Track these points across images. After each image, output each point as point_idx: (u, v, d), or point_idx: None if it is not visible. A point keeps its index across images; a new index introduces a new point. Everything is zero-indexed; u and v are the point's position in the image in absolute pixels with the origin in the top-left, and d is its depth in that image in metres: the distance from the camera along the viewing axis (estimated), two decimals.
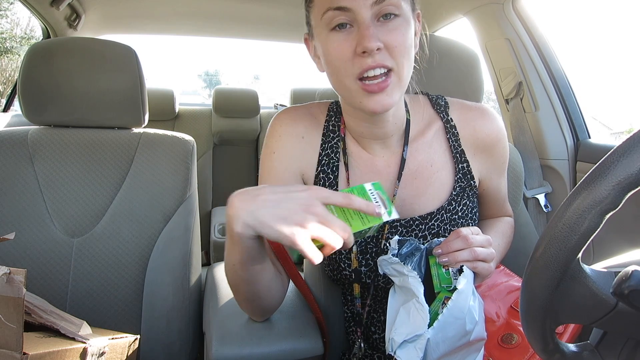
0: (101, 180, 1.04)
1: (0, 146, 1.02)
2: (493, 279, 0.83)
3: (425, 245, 0.70)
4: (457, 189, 0.80)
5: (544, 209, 1.28)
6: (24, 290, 0.59)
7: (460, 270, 0.66)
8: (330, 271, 0.86)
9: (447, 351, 0.63)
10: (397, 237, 0.69)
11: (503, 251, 0.87)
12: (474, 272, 0.67)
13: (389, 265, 0.67)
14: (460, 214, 0.80)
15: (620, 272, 0.41)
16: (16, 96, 1.81)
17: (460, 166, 0.81)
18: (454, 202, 0.80)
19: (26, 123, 1.08)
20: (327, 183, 0.80)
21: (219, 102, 2.49)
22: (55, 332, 0.72)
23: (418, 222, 0.79)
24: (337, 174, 0.80)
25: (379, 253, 0.78)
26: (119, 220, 1.02)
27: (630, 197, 0.38)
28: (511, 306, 0.80)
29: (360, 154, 0.80)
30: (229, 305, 0.86)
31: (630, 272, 0.40)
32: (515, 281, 0.83)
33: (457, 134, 0.81)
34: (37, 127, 1.08)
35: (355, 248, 0.78)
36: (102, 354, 0.76)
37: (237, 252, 0.62)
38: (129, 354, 0.84)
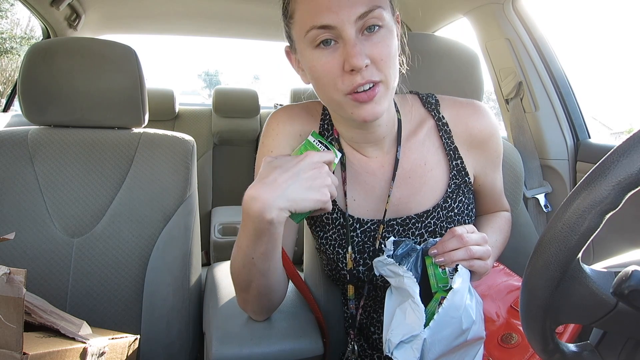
0: (101, 180, 1.04)
1: (0, 146, 1.02)
2: (493, 278, 0.83)
3: (421, 246, 0.70)
4: (452, 186, 0.80)
5: (544, 209, 1.28)
6: (24, 290, 0.59)
7: (457, 270, 0.66)
8: (329, 270, 0.86)
9: (444, 351, 0.63)
10: (393, 238, 0.69)
11: (501, 246, 0.87)
12: (470, 271, 0.67)
13: (385, 266, 0.67)
14: (457, 210, 0.80)
15: (620, 272, 0.41)
16: (16, 96, 1.81)
17: (454, 163, 0.81)
18: (450, 199, 0.80)
19: (26, 123, 1.08)
20: None
21: (219, 102, 2.49)
22: (55, 332, 0.72)
23: (414, 221, 0.79)
24: (332, 172, 0.80)
25: (375, 252, 0.78)
26: (119, 220, 1.02)
27: (630, 197, 0.38)
28: (511, 306, 0.80)
29: (354, 155, 0.80)
30: (229, 305, 0.86)
31: (630, 272, 0.40)
32: (515, 281, 0.83)
33: (450, 131, 0.81)
34: (37, 127, 1.08)
35: (350, 249, 0.78)
36: (102, 354, 0.76)
37: (263, 243, 0.65)
38: (129, 354, 0.84)
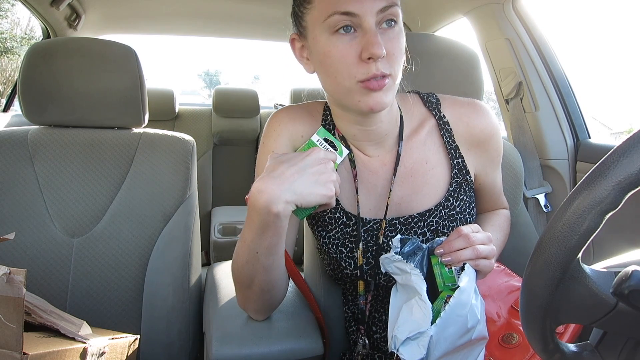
0: (101, 180, 1.04)
1: (0, 146, 1.02)
2: (494, 279, 0.83)
3: (427, 244, 0.71)
4: (454, 184, 0.80)
5: (544, 209, 1.28)
6: (24, 290, 0.59)
7: (463, 269, 0.66)
8: (331, 270, 0.86)
9: (449, 349, 0.63)
10: (400, 236, 0.70)
11: (501, 245, 0.87)
12: (475, 270, 0.67)
13: (392, 263, 0.67)
14: (458, 209, 0.81)
15: (620, 272, 0.41)
16: (16, 96, 1.81)
17: (456, 162, 0.81)
18: (452, 198, 0.80)
19: (26, 123, 1.08)
20: None
21: (219, 102, 2.49)
22: (55, 332, 0.72)
23: (417, 220, 0.79)
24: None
25: (378, 250, 0.78)
26: (119, 220, 1.02)
27: (630, 197, 0.38)
28: (512, 306, 0.80)
29: (356, 153, 0.80)
30: (229, 305, 0.86)
31: (630, 272, 0.40)
32: (515, 281, 0.83)
33: (451, 130, 0.81)
34: (37, 127, 1.08)
35: (361, 245, 0.78)
36: (102, 354, 0.76)
37: (268, 237, 0.65)
38: (129, 354, 0.84)
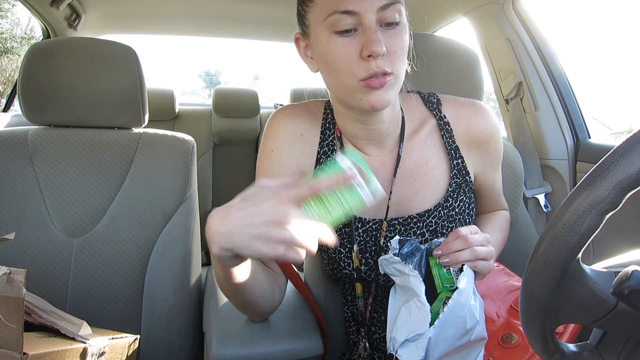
0: (101, 180, 1.04)
1: (0, 146, 1.02)
2: (493, 278, 0.83)
3: (425, 245, 0.71)
4: (453, 185, 0.80)
5: (544, 209, 1.28)
6: (24, 290, 0.59)
7: (462, 270, 0.66)
8: (330, 270, 0.86)
9: (448, 350, 0.63)
10: (398, 237, 0.70)
11: (500, 245, 0.87)
12: (474, 271, 0.67)
13: (390, 264, 0.68)
14: (457, 210, 0.81)
15: (620, 272, 0.41)
16: (16, 96, 1.81)
17: (455, 162, 0.81)
18: (451, 199, 0.80)
19: (26, 123, 1.08)
20: None
21: (219, 102, 2.49)
22: (55, 332, 0.72)
23: (416, 220, 0.79)
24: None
25: (377, 251, 0.78)
26: (119, 220, 1.02)
27: (630, 197, 0.38)
28: (511, 306, 0.80)
29: None
30: (229, 305, 0.86)
31: (630, 272, 0.40)
32: (515, 281, 0.83)
33: (451, 130, 0.81)
34: (37, 127, 1.08)
35: (355, 247, 0.78)
36: (102, 354, 0.76)
37: (220, 270, 0.60)
38: (129, 354, 0.84)
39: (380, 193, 0.56)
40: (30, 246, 0.98)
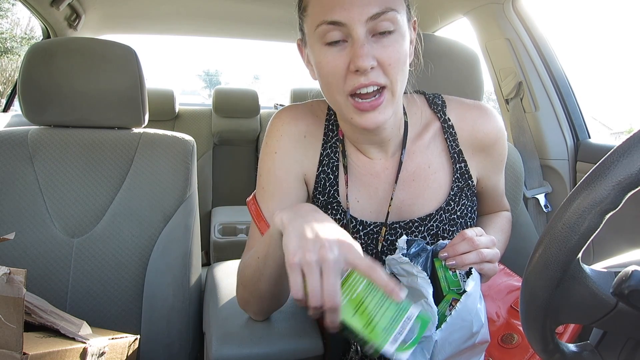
0: (101, 180, 1.04)
1: (0, 146, 1.02)
2: (493, 278, 0.83)
3: (431, 247, 0.70)
4: (455, 189, 0.80)
5: (544, 209, 1.28)
6: (24, 290, 0.59)
7: (468, 273, 0.66)
8: None
9: (452, 353, 0.63)
10: (405, 237, 0.69)
11: (503, 247, 0.87)
12: (480, 274, 0.66)
13: (398, 264, 0.67)
14: (459, 213, 0.80)
15: (620, 272, 0.41)
16: (16, 96, 1.81)
17: (458, 166, 0.80)
18: (453, 202, 0.80)
19: (26, 123, 1.08)
20: (327, 183, 0.79)
21: (219, 102, 2.49)
22: (55, 332, 0.72)
23: (417, 224, 0.78)
24: (337, 173, 0.79)
25: (378, 255, 0.78)
26: (119, 220, 1.02)
27: (630, 197, 0.38)
28: (511, 306, 0.80)
29: (358, 156, 0.80)
30: (229, 305, 0.86)
31: (630, 272, 0.40)
32: (515, 281, 0.83)
33: (455, 133, 0.80)
34: (37, 127, 1.08)
35: None
36: (102, 354, 0.76)
37: (267, 245, 0.63)
38: (129, 354, 0.84)
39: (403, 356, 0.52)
40: (30, 246, 0.98)
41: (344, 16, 0.61)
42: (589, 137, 1.36)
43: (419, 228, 0.78)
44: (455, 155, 0.80)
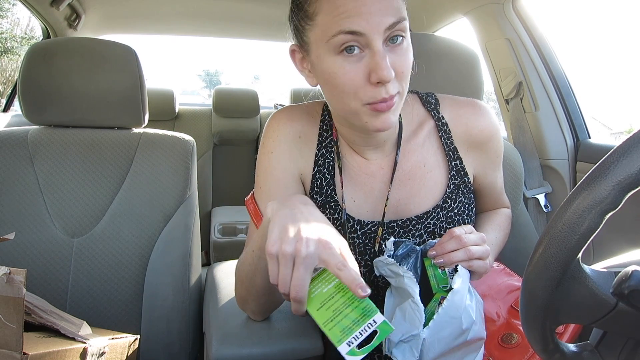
0: (101, 180, 1.04)
1: (0, 146, 1.02)
2: (493, 278, 0.83)
3: (420, 247, 0.71)
4: (452, 186, 0.80)
5: (544, 209, 1.28)
6: (24, 290, 0.59)
7: (457, 270, 0.66)
8: None
9: (443, 351, 0.63)
10: (393, 239, 0.70)
11: (501, 244, 0.87)
12: (469, 271, 0.67)
13: (385, 266, 0.68)
14: (456, 211, 0.80)
15: (620, 272, 0.41)
16: (16, 96, 1.81)
17: (454, 164, 0.80)
18: (449, 200, 0.80)
19: (26, 123, 1.08)
20: (324, 182, 0.80)
21: (219, 102, 2.49)
22: (55, 332, 0.72)
23: (415, 222, 0.79)
24: (333, 173, 0.80)
25: (376, 254, 0.78)
26: (119, 220, 1.02)
27: (630, 197, 0.38)
28: (511, 306, 0.80)
29: (353, 156, 0.80)
30: (229, 305, 0.86)
31: (630, 272, 0.40)
32: (515, 280, 0.83)
33: (449, 131, 0.81)
34: (37, 127, 1.08)
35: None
36: (102, 354, 0.76)
37: (259, 238, 0.64)
38: (129, 354, 0.84)
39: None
40: (30, 246, 0.98)
41: (363, 26, 0.60)
42: (589, 137, 1.36)
43: (417, 226, 0.79)
44: (451, 152, 0.80)
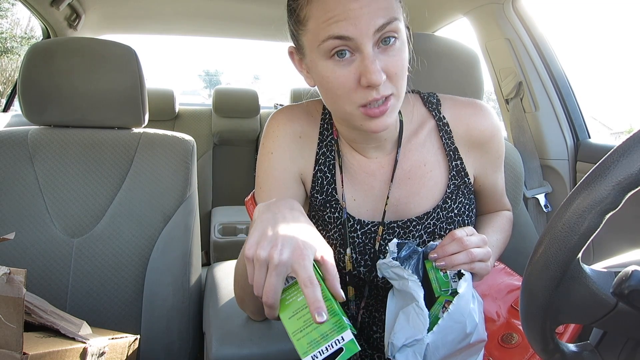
0: (101, 180, 1.04)
1: (0, 146, 1.02)
2: (494, 278, 0.83)
3: (422, 248, 0.70)
4: (452, 186, 0.80)
5: (544, 209, 1.28)
6: (24, 290, 0.59)
7: (459, 273, 0.66)
8: None
9: (446, 354, 0.63)
10: (396, 241, 0.69)
11: (502, 246, 0.86)
12: (472, 273, 0.66)
13: (389, 268, 0.67)
14: (457, 211, 0.80)
15: (620, 272, 0.41)
16: (16, 96, 1.81)
17: (454, 164, 0.80)
18: (449, 200, 0.80)
19: (26, 123, 1.08)
20: (325, 182, 0.80)
21: (219, 102, 2.50)
22: (55, 332, 0.72)
23: (415, 223, 0.78)
24: (334, 172, 0.80)
25: (376, 253, 0.78)
26: (119, 220, 1.02)
27: (630, 197, 0.38)
28: (511, 305, 0.80)
29: (354, 155, 0.80)
30: (229, 305, 0.86)
31: (630, 272, 0.40)
32: (516, 280, 0.83)
33: (450, 131, 0.80)
34: (37, 127, 1.08)
35: (349, 250, 0.78)
36: (102, 354, 0.76)
37: None
38: (129, 354, 0.84)
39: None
40: (30, 246, 0.98)
41: (351, 30, 0.60)
42: (589, 137, 1.36)
43: (417, 227, 0.78)
44: (451, 153, 0.80)
